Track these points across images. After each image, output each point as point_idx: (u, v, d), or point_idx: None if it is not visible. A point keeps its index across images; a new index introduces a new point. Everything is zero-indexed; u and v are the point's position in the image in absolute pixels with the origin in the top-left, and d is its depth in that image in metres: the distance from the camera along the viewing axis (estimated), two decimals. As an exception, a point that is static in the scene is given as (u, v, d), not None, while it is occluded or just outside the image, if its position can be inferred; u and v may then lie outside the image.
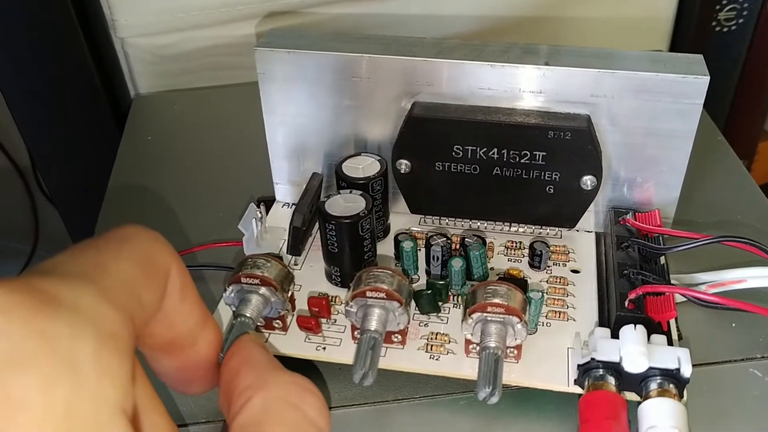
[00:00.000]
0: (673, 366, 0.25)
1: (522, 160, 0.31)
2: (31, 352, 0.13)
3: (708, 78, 0.29)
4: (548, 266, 0.32)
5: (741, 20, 0.61)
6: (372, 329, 0.26)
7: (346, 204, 0.30)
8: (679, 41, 0.60)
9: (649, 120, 0.31)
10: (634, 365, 0.25)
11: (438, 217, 0.35)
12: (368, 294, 0.27)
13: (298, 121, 0.34)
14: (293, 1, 0.47)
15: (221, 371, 0.21)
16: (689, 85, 0.29)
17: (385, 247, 0.33)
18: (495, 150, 0.31)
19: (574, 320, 0.29)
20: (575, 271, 0.32)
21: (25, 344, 0.13)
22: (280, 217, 0.36)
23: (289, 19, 0.48)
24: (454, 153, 0.32)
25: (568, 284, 0.31)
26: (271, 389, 0.19)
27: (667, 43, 0.60)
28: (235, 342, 0.22)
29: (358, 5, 0.49)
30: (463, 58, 0.31)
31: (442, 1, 0.50)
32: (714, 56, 0.61)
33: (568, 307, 0.30)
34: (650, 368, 0.25)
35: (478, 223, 0.34)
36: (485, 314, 0.26)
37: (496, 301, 0.26)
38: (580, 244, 0.33)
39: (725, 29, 0.61)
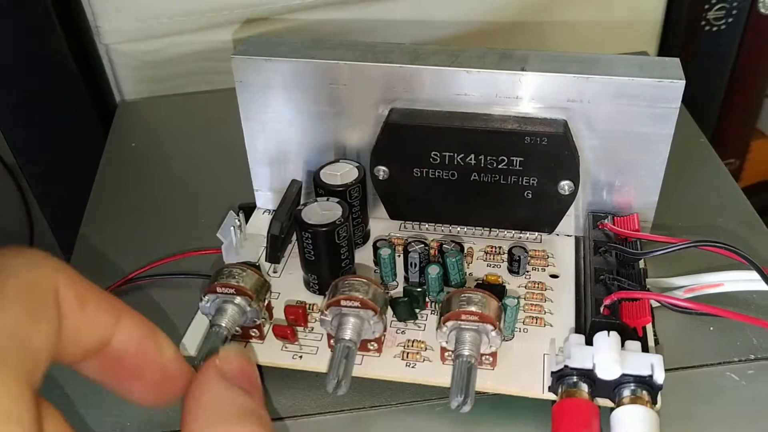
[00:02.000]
0: (645, 373, 0.25)
1: (499, 166, 0.31)
2: None
3: (683, 82, 0.29)
4: (527, 271, 0.32)
5: (730, 19, 0.61)
6: (346, 338, 0.26)
7: (322, 212, 0.30)
8: (669, 41, 0.60)
9: (626, 124, 0.30)
10: (607, 372, 0.25)
11: (418, 223, 0.35)
12: (343, 303, 0.27)
13: (277, 128, 0.34)
14: (276, 7, 0.47)
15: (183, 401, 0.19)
16: (665, 89, 0.29)
17: (365, 254, 0.33)
18: (472, 156, 0.31)
19: (551, 326, 0.29)
20: (554, 276, 0.32)
21: None
22: (261, 224, 0.36)
23: (270, 25, 0.48)
24: (431, 159, 0.32)
25: (546, 289, 0.31)
26: None
27: (657, 43, 0.60)
28: (200, 372, 0.20)
29: (343, 11, 0.49)
30: (440, 64, 0.31)
31: (428, 7, 0.50)
32: (704, 55, 0.61)
33: (545, 312, 0.30)
34: (623, 375, 0.25)
35: (459, 228, 0.34)
36: (459, 322, 0.26)
37: (471, 309, 0.26)
38: (560, 248, 0.33)
39: (714, 28, 0.61)
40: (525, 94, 0.30)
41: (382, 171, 0.33)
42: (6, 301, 0.16)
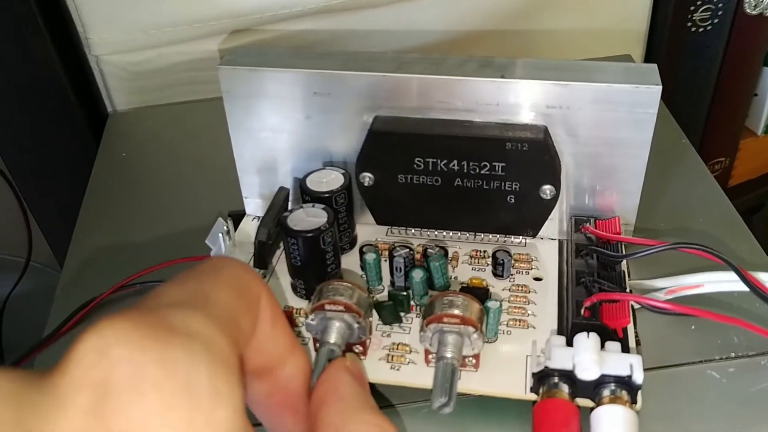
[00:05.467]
0: (624, 373, 0.25)
1: (482, 171, 0.32)
2: (151, 378, 0.14)
3: (660, 87, 0.30)
4: (511, 274, 0.32)
5: (716, 20, 0.61)
6: (331, 342, 0.27)
7: (308, 218, 0.30)
8: (656, 43, 0.60)
9: (605, 130, 0.31)
10: (586, 373, 0.25)
11: (405, 228, 0.35)
12: (327, 307, 0.27)
13: (263, 136, 0.34)
14: (263, 17, 0.48)
15: (311, 397, 0.21)
16: (642, 94, 0.30)
17: (352, 259, 0.34)
18: (455, 162, 0.32)
19: (534, 328, 0.30)
20: (538, 279, 0.32)
21: (146, 371, 0.14)
22: (251, 230, 0.36)
23: (256, 35, 0.49)
24: (415, 165, 0.32)
25: (530, 292, 0.32)
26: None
27: (643, 45, 0.61)
28: (328, 367, 0.22)
29: (328, 20, 0.49)
30: (422, 72, 0.31)
31: (413, 16, 0.51)
32: (691, 56, 0.62)
33: (528, 314, 0.31)
34: (603, 375, 0.25)
35: (444, 233, 0.35)
36: (442, 325, 0.27)
37: (453, 311, 0.27)
38: (544, 251, 0.34)
39: (701, 29, 0.62)
40: (505, 101, 0.31)
41: (367, 177, 0.33)
42: (221, 284, 0.17)
